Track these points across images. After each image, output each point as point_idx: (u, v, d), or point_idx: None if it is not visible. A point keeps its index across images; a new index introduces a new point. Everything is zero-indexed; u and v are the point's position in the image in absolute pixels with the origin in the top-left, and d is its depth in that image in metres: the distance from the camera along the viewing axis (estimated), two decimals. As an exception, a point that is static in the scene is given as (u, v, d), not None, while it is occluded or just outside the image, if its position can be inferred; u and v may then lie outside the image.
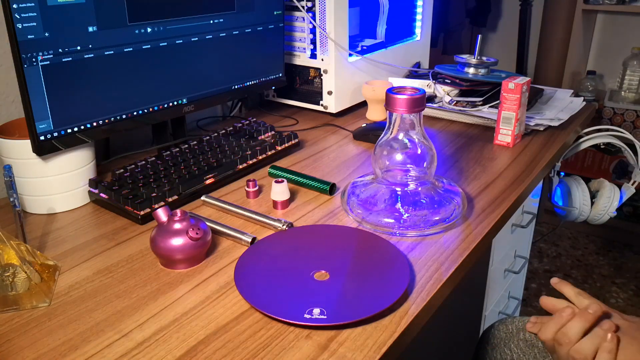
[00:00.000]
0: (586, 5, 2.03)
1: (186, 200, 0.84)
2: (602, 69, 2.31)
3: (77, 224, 0.79)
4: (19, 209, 0.69)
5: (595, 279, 2.03)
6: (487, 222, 0.78)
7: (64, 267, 0.69)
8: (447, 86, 1.21)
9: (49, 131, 0.78)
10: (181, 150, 0.94)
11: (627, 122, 2.07)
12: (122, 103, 0.87)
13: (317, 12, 1.14)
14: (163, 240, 0.66)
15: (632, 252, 2.19)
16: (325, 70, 1.18)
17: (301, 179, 0.88)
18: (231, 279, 0.66)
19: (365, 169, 0.96)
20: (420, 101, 0.73)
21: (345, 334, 0.56)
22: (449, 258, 0.69)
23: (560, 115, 1.15)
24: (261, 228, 0.77)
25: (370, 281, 0.63)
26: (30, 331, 0.58)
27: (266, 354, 0.54)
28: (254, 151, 0.95)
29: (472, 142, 1.08)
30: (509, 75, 1.08)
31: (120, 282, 0.65)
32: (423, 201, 0.76)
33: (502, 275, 1.17)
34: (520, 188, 0.88)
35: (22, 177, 0.80)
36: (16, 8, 0.70)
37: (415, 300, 0.61)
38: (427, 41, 1.51)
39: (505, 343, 0.84)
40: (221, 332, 0.57)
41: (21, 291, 0.62)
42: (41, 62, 0.74)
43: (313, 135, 1.13)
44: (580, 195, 1.25)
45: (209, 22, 0.96)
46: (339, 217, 0.80)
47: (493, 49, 2.58)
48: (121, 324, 0.58)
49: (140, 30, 0.86)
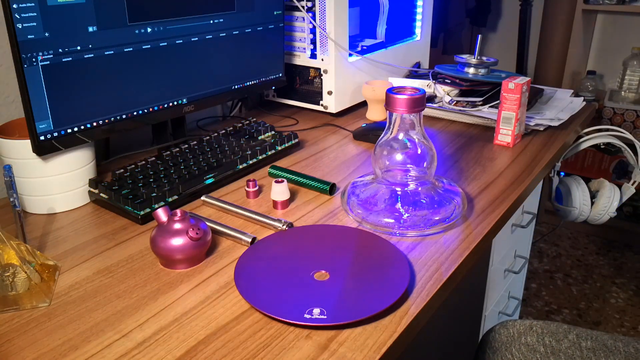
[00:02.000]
0: (586, 5, 2.03)
1: (186, 200, 0.84)
2: (602, 69, 2.31)
3: (77, 224, 0.79)
4: (19, 209, 0.69)
5: (595, 279, 2.03)
6: (487, 222, 0.78)
7: (64, 267, 0.69)
8: (447, 86, 1.21)
9: (49, 131, 0.78)
10: (181, 150, 0.94)
11: (627, 122, 2.07)
12: (122, 103, 0.87)
13: (317, 12, 1.14)
14: (163, 240, 0.66)
15: (632, 252, 2.19)
16: (325, 70, 1.18)
17: (301, 179, 0.88)
18: (231, 279, 0.66)
19: (365, 169, 0.96)
20: (420, 101, 0.73)
21: (345, 334, 0.56)
22: (449, 258, 0.69)
23: (560, 115, 1.15)
24: (261, 228, 0.77)
25: (370, 281, 0.63)
26: (30, 331, 0.58)
27: (266, 354, 0.54)
28: (254, 151, 0.95)
29: (472, 142, 1.08)
30: (509, 75, 1.08)
31: (120, 282, 0.65)
32: (423, 201, 0.76)
33: (502, 275, 1.17)
34: (520, 188, 0.88)
35: (22, 177, 0.80)
36: (16, 8, 0.70)
37: (415, 300, 0.61)
38: (427, 41, 1.51)
39: (507, 347, 0.84)
40: (221, 332, 0.57)
41: (21, 291, 0.62)
42: (41, 62, 0.74)
43: (313, 135, 1.13)
44: (580, 195, 1.25)
45: (209, 22, 0.96)
46: (339, 217, 0.80)
47: (493, 49, 2.58)
48: (121, 324, 0.58)
49: (140, 30, 0.86)
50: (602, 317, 1.83)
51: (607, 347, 0.80)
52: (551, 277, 2.05)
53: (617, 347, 0.80)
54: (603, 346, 0.80)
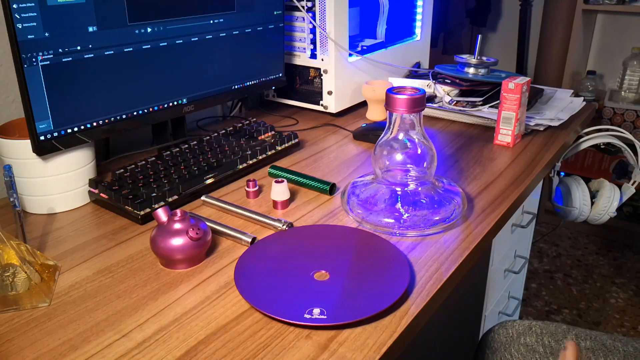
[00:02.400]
0: (586, 5, 2.03)
1: (186, 200, 0.84)
2: (602, 69, 2.31)
3: (77, 224, 0.79)
4: (19, 209, 0.69)
5: (595, 279, 2.03)
6: (487, 222, 0.78)
7: (64, 267, 0.69)
8: (447, 86, 1.21)
9: (49, 131, 0.78)
10: (181, 150, 0.94)
11: (627, 122, 2.07)
12: (122, 103, 0.87)
13: (317, 12, 1.14)
14: (163, 240, 0.66)
15: (632, 252, 2.19)
16: (325, 70, 1.18)
17: (301, 179, 0.88)
18: (231, 279, 0.66)
19: (365, 169, 0.96)
20: (420, 101, 0.73)
21: (345, 334, 0.56)
22: (449, 258, 0.69)
23: (560, 115, 1.15)
24: (261, 228, 0.77)
25: (370, 281, 0.63)
26: (30, 331, 0.58)
27: (266, 354, 0.54)
28: (254, 151, 0.95)
29: (472, 142, 1.08)
30: (509, 75, 1.08)
31: (121, 282, 0.65)
32: (423, 201, 0.76)
33: (502, 275, 1.17)
34: (520, 188, 0.88)
35: (22, 177, 0.80)
36: (16, 8, 0.70)
37: (415, 300, 0.61)
38: (427, 41, 1.51)
39: (506, 348, 0.84)
40: (221, 332, 0.57)
41: (21, 291, 0.62)
42: (41, 62, 0.74)
43: (313, 135, 1.13)
44: (580, 195, 1.26)
45: (209, 22, 0.96)
46: (339, 217, 0.80)
47: (493, 49, 2.58)
48: (121, 324, 0.58)
49: (140, 30, 0.86)
50: (602, 317, 1.83)
51: (606, 346, 0.80)
52: (551, 277, 2.05)
53: (616, 347, 0.80)
54: (602, 346, 0.80)
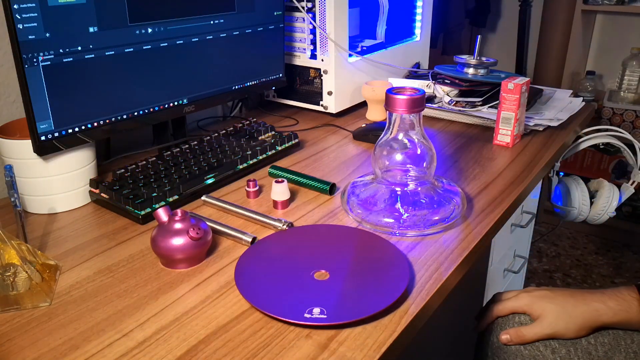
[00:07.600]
0: (585, 6, 2.03)
1: (186, 200, 0.84)
2: (602, 69, 2.31)
3: (77, 224, 0.80)
4: (19, 209, 0.69)
5: (595, 279, 2.03)
6: (486, 222, 0.78)
7: (64, 266, 0.69)
8: (447, 86, 1.21)
9: (49, 131, 0.78)
10: (182, 150, 0.94)
11: (626, 122, 2.07)
12: (123, 103, 0.87)
13: (317, 13, 1.15)
14: (164, 240, 0.66)
15: (631, 251, 2.20)
16: (325, 70, 1.18)
17: (301, 179, 0.88)
18: (231, 279, 0.66)
19: (365, 169, 0.96)
20: (420, 101, 0.73)
21: (345, 334, 0.56)
22: (448, 258, 0.69)
23: (559, 115, 1.15)
24: (261, 228, 0.77)
25: (370, 281, 0.63)
26: (31, 331, 0.58)
27: (266, 354, 0.54)
28: (254, 151, 0.96)
29: (472, 142, 1.08)
30: (509, 76, 1.08)
31: (121, 282, 0.66)
32: (423, 201, 0.76)
33: (501, 274, 1.17)
34: (519, 188, 0.88)
35: (23, 177, 0.80)
36: (17, 8, 0.70)
37: (415, 300, 0.61)
38: (427, 41, 1.51)
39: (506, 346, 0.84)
40: (221, 331, 0.57)
41: (22, 291, 0.62)
42: (42, 63, 0.74)
43: (313, 135, 1.14)
44: (580, 195, 1.26)
45: (209, 22, 0.97)
46: (339, 217, 0.80)
47: (493, 50, 2.59)
48: (122, 324, 0.58)
49: (141, 30, 0.86)
50: (602, 317, 1.83)
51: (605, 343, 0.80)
52: (550, 277, 2.06)
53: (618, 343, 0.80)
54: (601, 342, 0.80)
